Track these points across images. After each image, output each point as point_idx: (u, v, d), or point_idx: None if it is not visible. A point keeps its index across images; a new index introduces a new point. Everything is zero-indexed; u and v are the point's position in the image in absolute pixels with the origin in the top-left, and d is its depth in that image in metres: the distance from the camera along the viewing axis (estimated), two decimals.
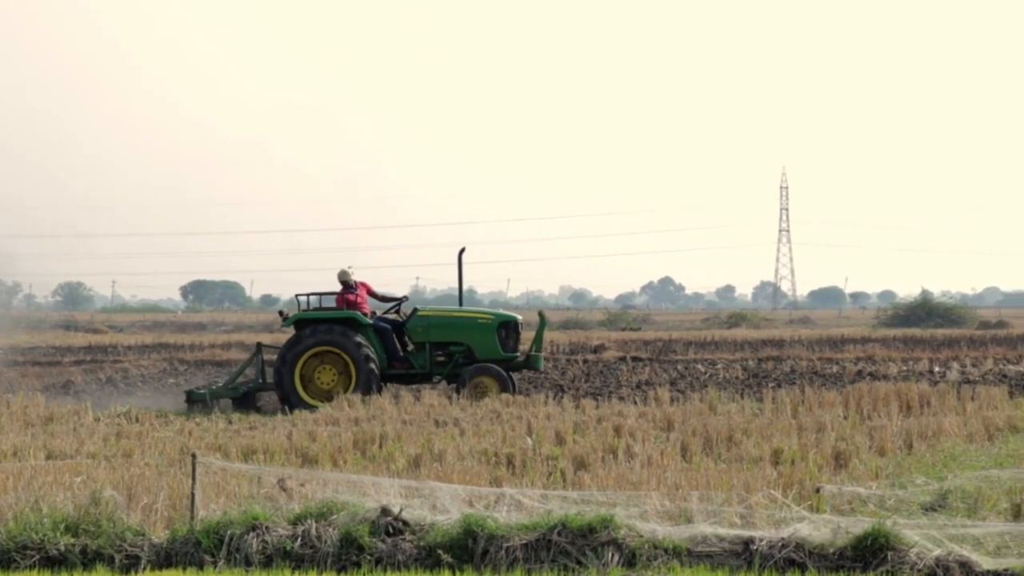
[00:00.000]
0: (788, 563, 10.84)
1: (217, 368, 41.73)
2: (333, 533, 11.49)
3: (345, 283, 27.31)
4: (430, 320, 27.23)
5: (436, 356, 27.08)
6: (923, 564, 10.54)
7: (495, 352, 26.82)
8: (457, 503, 12.16)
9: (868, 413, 21.30)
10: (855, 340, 51.90)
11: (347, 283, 27.28)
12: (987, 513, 12.38)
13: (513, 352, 27.13)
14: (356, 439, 18.43)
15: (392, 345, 27.02)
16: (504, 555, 11.17)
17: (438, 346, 27.09)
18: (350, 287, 27.26)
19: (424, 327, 27.09)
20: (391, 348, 26.99)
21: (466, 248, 27.97)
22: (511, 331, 27.26)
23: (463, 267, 27.81)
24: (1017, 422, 20.06)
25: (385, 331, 27.06)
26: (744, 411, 21.67)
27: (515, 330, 27.36)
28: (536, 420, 20.37)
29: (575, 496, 12.33)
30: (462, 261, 27.84)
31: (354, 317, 26.68)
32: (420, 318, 27.23)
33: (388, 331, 27.09)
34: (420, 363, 27.00)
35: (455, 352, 26.98)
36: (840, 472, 15.09)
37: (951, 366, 38.21)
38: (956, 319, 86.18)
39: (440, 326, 27.15)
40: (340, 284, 27.40)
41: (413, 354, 27.16)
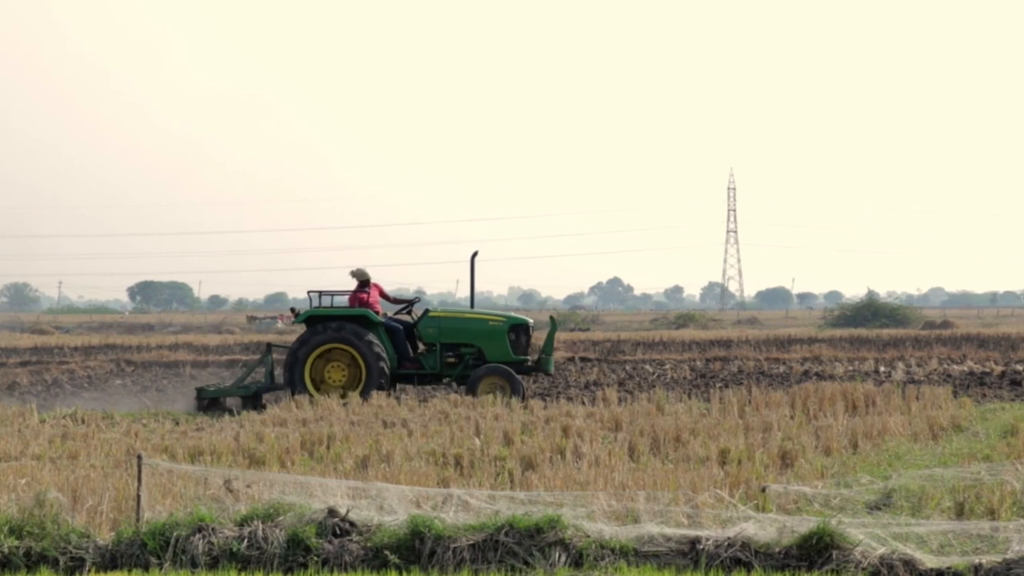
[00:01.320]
0: (734, 562, 10.89)
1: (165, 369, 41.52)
2: (280, 534, 11.45)
3: (362, 281, 27.24)
4: (441, 321, 27.20)
5: (447, 357, 27.08)
6: (867, 563, 10.61)
7: (506, 355, 26.82)
8: (404, 504, 12.15)
9: (814, 413, 21.41)
10: (802, 340, 52.13)
11: (364, 281, 27.22)
12: (931, 512, 12.48)
13: (523, 355, 27.16)
14: (304, 440, 18.37)
15: (403, 345, 27.00)
16: (451, 556, 11.17)
17: (449, 347, 27.08)
18: (365, 285, 27.19)
19: (435, 328, 27.09)
20: (402, 348, 26.97)
21: (478, 252, 27.93)
22: (522, 334, 27.29)
23: (475, 270, 27.78)
24: (961, 421, 20.22)
25: (396, 331, 27.04)
26: (691, 411, 21.75)
27: (526, 333, 27.41)
28: (484, 421, 20.37)
29: (523, 496, 12.34)
30: (474, 264, 27.81)
31: (366, 315, 26.65)
32: (431, 319, 27.21)
33: (399, 331, 27.07)
34: (431, 364, 26.99)
35: (466, 354, 26.98)
36: (786, 471, 15.17)
37: (896, 366, 38.49)
38: (901, 319, 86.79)
39: (451, 328, 27.13)
40: (356, 282, 27.33)
41: (424, 355, 27.17)
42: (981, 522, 11.60)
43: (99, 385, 35.49)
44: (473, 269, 27.71)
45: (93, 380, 37.34)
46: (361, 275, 27.21)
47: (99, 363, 42.93)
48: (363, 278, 27.21)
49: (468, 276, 27.71)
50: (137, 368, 42.10)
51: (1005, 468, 13.51)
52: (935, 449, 17.34)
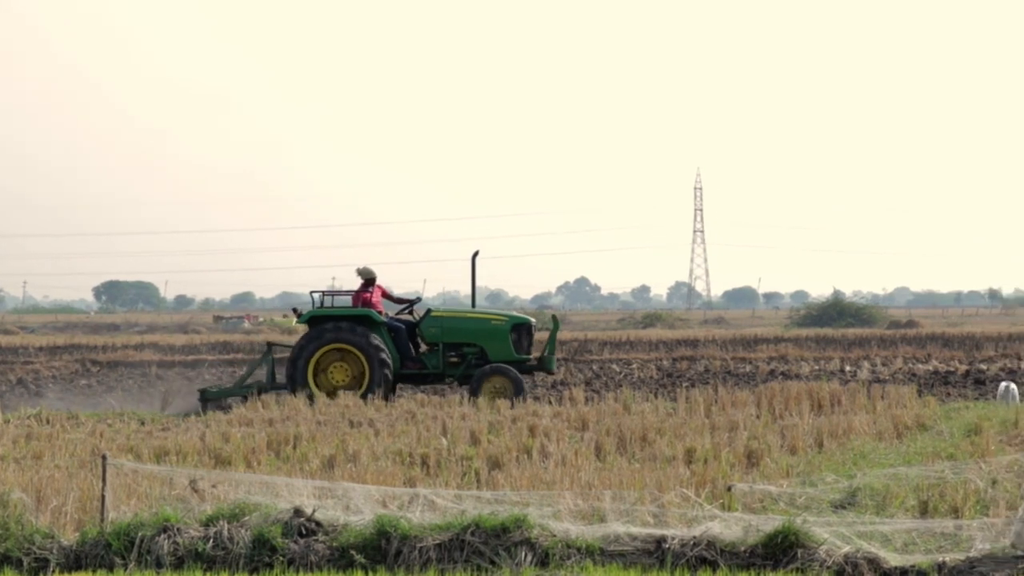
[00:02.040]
0: (700, 561, 10.91)
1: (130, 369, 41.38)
2: (245, 534, 11.42)
3: (367, 280, 27.21)
4: (443, 321, 27.15)
5: (449, 357, 27.00)
6: (832, 561, 10.65)
7: (508, 354, 26.75)
8: (371, 504, 12.14)
9: (780, 412, 21.47)
10: (768, 340, 52.30)
11: (369, 280, 27.19)
12: (895, 510, 12.53)
13: (526, 354, 27.13)
14: (270, 440, 18.33)
15: (405, 345, 26.94)
16: (417, 555, 11.17)
17: (451, 347, 27.01)
18: (370, 284, 27.17)
19: (438, 328, 27.01)
20: (404, 348, 26.90)
21: (479, 251, 27.88)
22: (524, 333, 27.24)
23: (476, 270, 27.75)
24: (925, 420, 20.31)
25: (399, 330, 26.98)
26: (658, 411, 21.79)
27: (528, 332, 27.36)
28: (451, 420, 20.36)
29: (489, 496, 12.34)
30: (475, 264, 27.76)
31: (369, 315, 26.59)
32: (433, 319, 27.16)
33: (402, 331, 27.01)
34: (433, 364, 26.92)
35: (468, 353, 26.90)
36: (752, 471, 15.21)
37: (862, 365, 38.66)
38: (867, 319, 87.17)
39: (453, 327, 27.06)
40: (361, 280, 27.28)
41: (426, 355, 27.09)
42: (945, 520, 11.66)
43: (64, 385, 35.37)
44: (474, 268, 27.70)
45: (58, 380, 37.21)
46: (367, 273, 27.17)
47: (64, 363, 42.76)
48: (369, 276, 27.17)
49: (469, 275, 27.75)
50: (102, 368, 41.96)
51: (969, 467, 13.58)
52: (900, 448, 17.41)
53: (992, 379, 32.01)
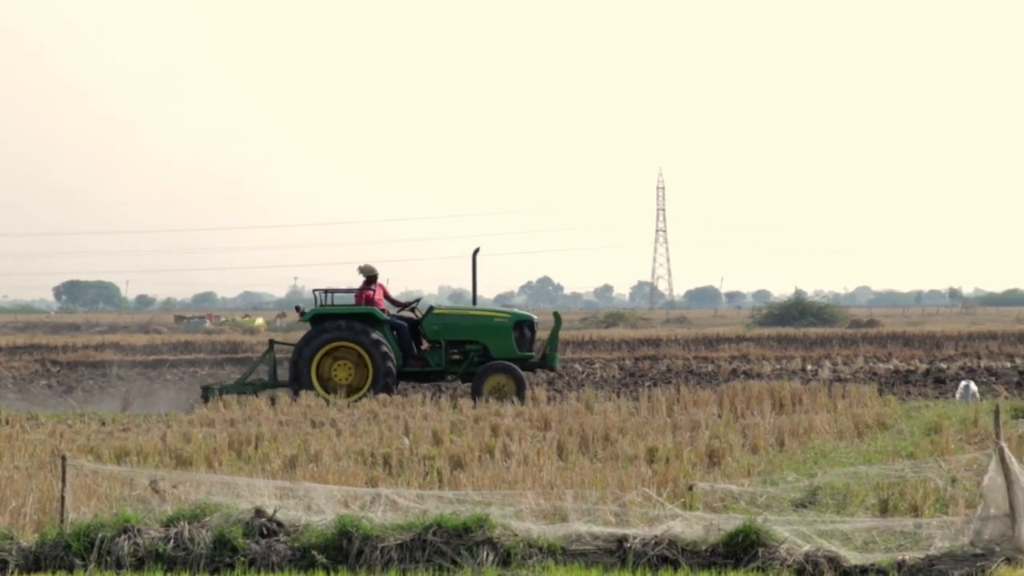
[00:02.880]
0: (661, 560, 10.94)
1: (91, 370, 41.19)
2: (206, 535, 11.39)
3: (369, 277, 27.17)
4: (446, 319, 27.22)
5: (452, 354, 27.04)
6: (793, 560, 10.69)
7: (511, 351, 26.77)
8: (332, 504, 12.12)
9: (741, 411, 21.54)
10: (730, 339, 52.45)
11: (371, 277, 27.15)
12: (855, 509, 12.58)
13: (528, 351, 27.13)
14: (232, 440, 18.28)
15: (408, 343, 26.93)
16: (379, 555, 11.16)
17: (454, 344, 27.04)
18: (372, 281, 27.13)
19: (440, 325, 27.05)
20: (407, 346, 26.89)
21: (480, 248, 27.89)
22: (527, 330, 27.26)
23: (477, 267, 27.78)
24: (886, 419, 20.40)
25: (401, 328, 26.96)
26: (620, 410, 21.83)
27: (531, 329, 27.38)
28: (413, 420, 20.35)
29: (451, 496, 12.34)
30: (476, 261, 27.77)
31: (372, 313, 26.58)
32: (436, 316, 27.22)
33: (404, 328, 26.99)
34: (436, 361, 26.92)
35: (471, 351, 26.92)
36: (713, 470, 15.25)
37: (823, 364, 38.83)
38: (828, 318, 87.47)
39: (456, 325, 27.11)
40: (364, 278, 27.23)
41: (429, 352, 27.09)
42: (904, 519, 11.72)
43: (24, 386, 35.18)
44: (475, 266, 27.73)
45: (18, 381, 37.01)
46: (369, 271, 27.16)
47: (24, 363, 42.51)
48: (370, 274, 27.17)
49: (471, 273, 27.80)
50: (63, 368, 41.76)
51: (928, 465, 13.65)
52: (860, 447, 17.48)
53: (952, 378, 32.20)
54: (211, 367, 43.41)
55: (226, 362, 45.17)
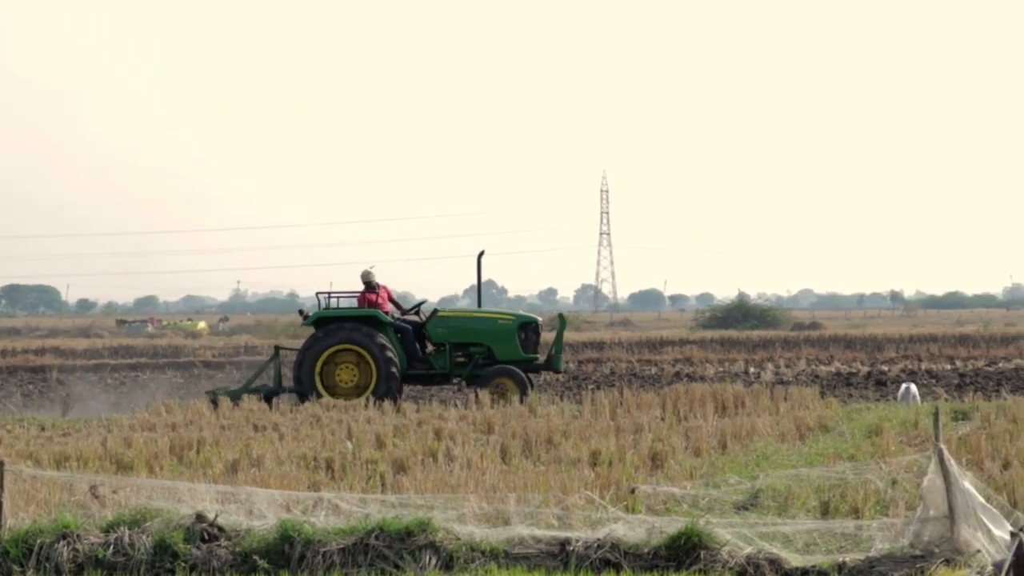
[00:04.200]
0: (604, 563, 10.95)
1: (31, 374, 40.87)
2: (147, 540, 11.32)
3: (368, 283, 27.08)
4: (450, 321, 27.15)
5: (456, 357, 26.94)
6: (734, 562, 10.73)
7: (515, 353, 26.75)
8: (274, 508, 12.07)
9: (684, 414, 21.60)
10: (673, 342, 52.65)
11: (370, 283, 27.07)
12: (797, 511, 12.64)
13: (533, 353, 27.13)
14: (173, 445, 18.17)
15: (412, 345, 26.80)
16: (321, 559, 11.12)
17: (458, 347, 26.96)
18: (372, 287, 27.02)
19: (444, 328, 26.98)
20: (411, 348, 26.77)
21: (484, 252, 27.89)
22: (531, 332, 27.28)
23: (481, 269, 27.81)
24: (827, 421, 20.52)
25: (405, 331, 26.86)
26: (563, 413, 21.84)
27: (535, 331, 27.40)
28: (356, 424, 20.29)
29: (393, 500, 12.31)
30: (480, 263, 27.77)
31: (375, 316, 26.48)
32: (440, 319, 27.12)
33: (409, 331, 26.90)
34: (440, 364, 26.83)
35: (475, 353, 26.85)
36: (656, 473, 15.28)
37: (766, 367, 39.06)
38: (771, 321, 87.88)
39: (460, 327, 27.05)
40: (363, 284, 27.16)
41: (433, 355, 27.00)
42: (845, 521, 11.79)
43: None
44: (480, 269, 27.71)
45: None
46: (367, 276, 27.16)
47: None
48: (368, 279, 27.15)
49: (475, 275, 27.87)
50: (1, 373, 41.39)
51: (869, 467, 13.72)
52: (802, 449, 17.57)
53: (893, 380, 32.47)
54: (153, 371, 43.19)
55: (168, 366, 44.95)
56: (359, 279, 27.24)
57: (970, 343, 49.84)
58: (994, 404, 22.60)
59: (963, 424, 19.89)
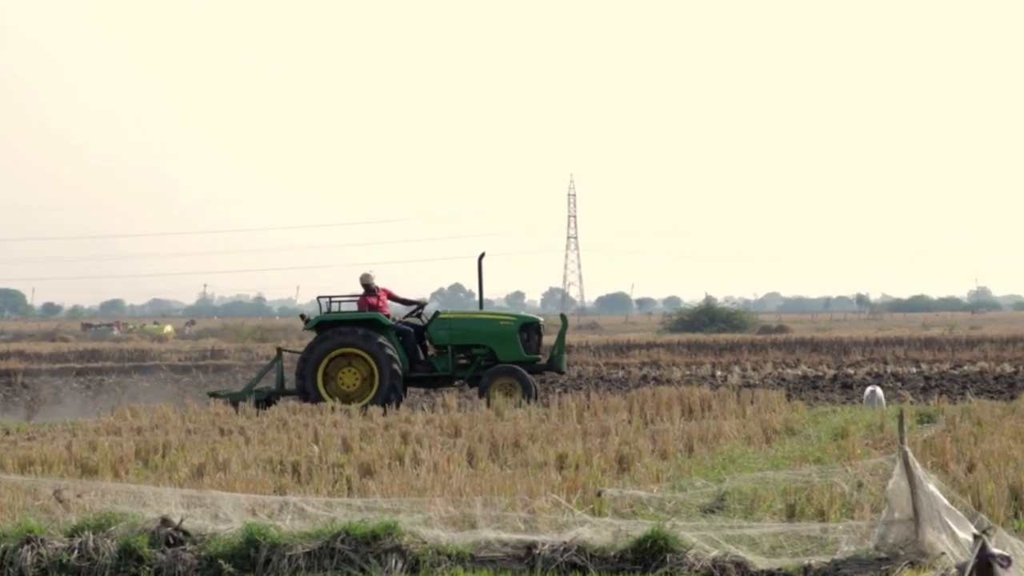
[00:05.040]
0: (570, 566, 10.95)
1: None
2: (111, 544, 11.26)
3: (367, 286, 27.13)
4: (452, 323, 27.14)
5: (458, 359, 26.97)
6: (700, 565, 10.74)
7: (517, 354, 26.76)
8: (240, 512, 12.03)
9: (651, 417, 21.62)
10: (641, 345, 52.70)
11: (369, 286, 27.12)
12: (763, 514, 12.66)
13: (535, 354, 27.10)
14: (138, 449, 18.09)
15: (414, 348, 26.81)
16: (287, 563, 11.09)
17: (460, 349, 26.98)
18: (372, 291, 27.03)
19: (446, 330, 27.00)
20: (413, 351, 26.77)
21: (485, 253, 27.92)
22: (533, 333, 27.27)
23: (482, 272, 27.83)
24: (793, 424, 20.57)
25: (407, 333, 26.85)
26: (530, 417, 21.82)
27: (537, 332, 27.39)
28: (323, 428, 20.24)
29: (360, 503, 12.29)
30: (482, 266, 27.80)
31: (376, 319, 26.48)
32: (442, 321, 27.12)
33: (410, 333, 26.89)
34: (442, 366, 26.86)
35: (477, 355, 26.87)
36: (623, 476, 15.29)
37: (733, 370, 39.13)
38: (738, 324, 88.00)
39: (462, 329, 27.04)
40: (362, 287, 27.21)
41: (435, 357, 27.01)
42: (811, 524, 11.81)
43: None
44: (480, 270, 27.78)
45: None
46: (366, 280, 27.20)
47: None
48: (367, 283, 27.19)
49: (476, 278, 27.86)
50: None
51: (835, 470, 13.76)
52: (768, 452, 17.61)
53: (859, 383, 32.55)
54: (119, 375, 43.00)
55: (134, 370, 44.76)
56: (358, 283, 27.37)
57: (935, 346, 50.04)
58: (959, 407, 22.70)
59: (928, 427, 19.97)
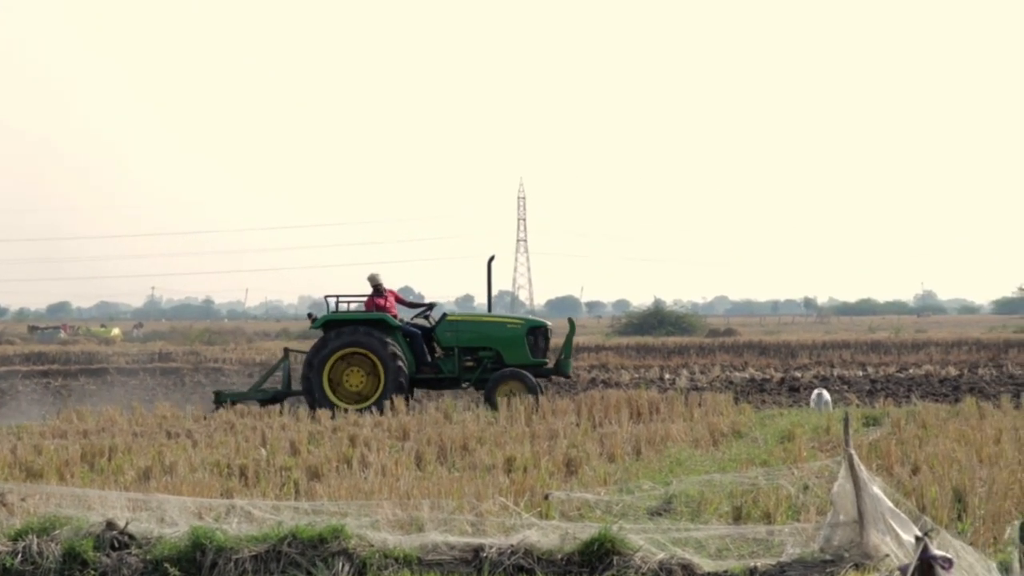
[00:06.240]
0: (517, 569, 10.95)
1: None
2: (56, 548, 11.19)
3: (376, 286, 26.97)
4: (459, 325, 27.09)
5: (465, 361, 26.91)
6: (647, 568, 10.76)
7: (524, 358, 26.71)
8: (186, 515, 11.97)
9: (600, 420, 21.67)
10: (590, 348, 52.76)
11: (378, 287, 26.97)
12: (709, 517, 12.71)
13: (542, 358, 27.06)
14: (84, 452, 17.99)
15: (421, 349, 26.70)
16: (233, 567, 11.04)
17: (467, 351, 26.91)
18: (380, 291, 26.84)
19: (453, 332, 26.92)
20: (420, 352, 26.67)
21: (495, 256, 27.84)
22: (540, 336, 27.21)
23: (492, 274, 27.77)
24: (741, 427, 20.66)
25: (414, 335, 26.74)
26: (479, 419, 21.85)
27: (544, 336, 27.32)
28: (271, 431, 20.19)
29: (307, 507, 12.26)
30: (491, 269, 27.73)
31: (384, 319, 26.38)
32: (449, 323, 27.07)
33: (417, 335, 26.78)
34: (449, 368, 26.78)
35: (484, 357, 26.83)
36: (571, 479, 15.31)
37: (681, 373, 39.24)
38: (687, 327, 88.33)
39: (469, 331, 26.97)
40: (371, 287, 27.09)
41: (442, 359, 26.91)
42: (757, 526, 11.86)
43: None
44: (490, 273, 27.75)
45: None
46: (374, 280, 27.10)
47: None
48: (376, 283, 27.10)
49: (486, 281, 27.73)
50: None
51: (781, 473, 13.82)
52: (715, 455, 17.67)
53: (806, 386, 32.70)
54: (65, 378, 42.71)
55: (81, 373, 44.47)
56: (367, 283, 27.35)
57: (881, 349, 50.35)
58: (904, 410, 22.88)
59: (874, 430, 20.10)
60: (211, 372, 44.05)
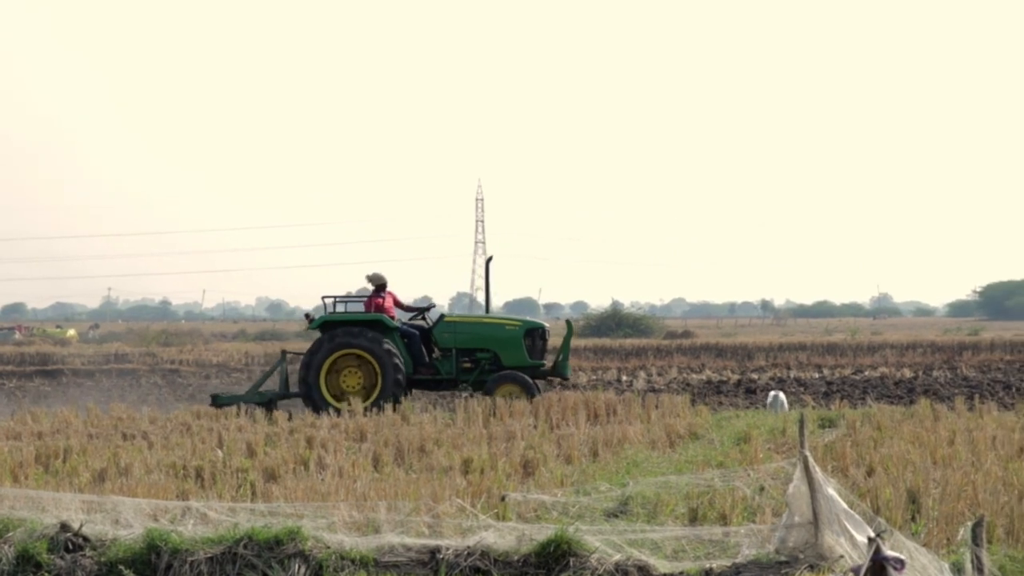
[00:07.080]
0: (474, 571, 10.94)
1: None
2: (9, 551, 11.12)
3: (379, 286, 26.88)
4: (457, 326, 27.03)
5: (462, 362, 26.85)
6: (603, 569, 10.77)
7: (522, 359, 26.71)
8: (141, 517, 11.92)
9: (557, 422, 21.69)
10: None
11: (381, 287, 26.87)
12: (665, 518, 12.75)
13: (540, 360, 27.05)
14: (39, 453, 17.88)
15: (419, 350, 26.61)
16: (188, 569, 11.00)
17: (464, 352, 26.86)
18: (381, 289, 26.76)
19: (451, 333, 26.86)
20: (417, 353, 26.59)
21: (492, 257, 27.77)
22: (538, 338, 27.20)
23: (490, 275, 27.83)
24: (697, 429, 20.72)
25: (412, 336, 26.65)
26: (436, 421, 21.84)
27: (542, 337, 27.31)
28: (227, 432, 20.12)
29: (263, 508, 12.21)
30: (489, 270, 27.81)
31: (381, 320, 26.27)
32: (447, 324, 26.99)
33: (415, 336, 26.68)
34: (446, 369, 26.71)
35: (482, 359, 26.78)
36: (528, 480, 15.32)
37: (638, 375, 39.33)
38: (644, 329, 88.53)
39: (467, 333, 26.93)
40: (372, 287, 27.01)
41: (439, 360, 26.83)
42: (713, 527, 11.89)
43: None
44: (488, 274, 27.76)
45: None
46: (378, 279, 27.02)
47: None
48: (379, 283, 27.00)
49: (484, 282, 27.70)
50: None
51: (737, 474, 13.88)
52: (672, 456, 17.72)
53: (762, 388, 32.85)
54: (20, 379, 42.46)
55: (36, 374, 44.21)
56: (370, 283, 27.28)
57: (837, 352, 50.59)
58: (859, 412, 23.01)
59: (829, 431, 20.20)
60: (167, 374, 43.88)
